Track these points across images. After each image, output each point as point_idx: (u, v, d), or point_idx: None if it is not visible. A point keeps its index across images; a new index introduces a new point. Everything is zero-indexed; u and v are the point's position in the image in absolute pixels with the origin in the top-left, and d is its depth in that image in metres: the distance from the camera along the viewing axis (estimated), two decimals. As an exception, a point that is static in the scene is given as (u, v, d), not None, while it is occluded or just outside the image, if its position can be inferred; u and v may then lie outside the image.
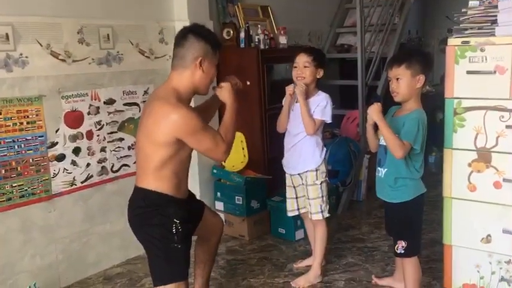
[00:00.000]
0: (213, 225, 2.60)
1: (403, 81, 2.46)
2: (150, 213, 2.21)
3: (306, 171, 2.98)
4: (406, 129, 2.42)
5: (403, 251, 2.59)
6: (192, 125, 2.10)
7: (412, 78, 2.45)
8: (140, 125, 2.26)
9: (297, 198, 3.11)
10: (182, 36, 2.22)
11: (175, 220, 2.19)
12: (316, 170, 2.97)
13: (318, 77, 2.95)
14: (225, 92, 2.36)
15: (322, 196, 2.99)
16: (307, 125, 2.90)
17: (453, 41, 2.47)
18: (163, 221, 2.20)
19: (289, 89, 2.95)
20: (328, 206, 3.04)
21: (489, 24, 2.38)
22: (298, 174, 3.03)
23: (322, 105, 2.92)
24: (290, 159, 3.05)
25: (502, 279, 2.54)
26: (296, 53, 2.98)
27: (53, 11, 2.92)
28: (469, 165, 2.50)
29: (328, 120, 2.96)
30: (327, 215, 3.03)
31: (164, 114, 2.10)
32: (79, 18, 3.04)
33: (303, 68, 2.91)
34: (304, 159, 2.98)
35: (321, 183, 2.99)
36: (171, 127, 2.09)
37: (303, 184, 3.04)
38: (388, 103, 2.70)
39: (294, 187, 3.09)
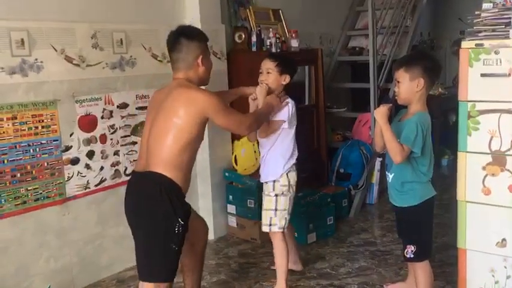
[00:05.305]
0: (198, 229, 2.54)
1: (402, 85, 2.47)
2: (161, 203, 2.17)
3: (266, 182, 2.87)
4: (404, 133, 2.42)
5: (412, 255, 2.56)
6: (217, 103, 2.29)
7: (411, 82, 2.45)
8: (159, 112, 2.27)
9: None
10: (175, 41, 2.36)
11: (179, 220, 2.18)
12: (274, 182, 2.82)
13: (283, 83, 2.82)
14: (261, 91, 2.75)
15: (276, 209, 2.81)
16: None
17: (467, 44, 2.45)
18: (171, 216, 2.17)
19: (251, 96, 2.83)
20: (283, 222, 2.82)
21: (503, 26, 2.36)
22: (265, 182, 2.89)
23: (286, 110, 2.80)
24: (261, 167, 2.94)
25: (517, 283, 2.51)
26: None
27: (67, 16, 2.96)
28: (484, 168, 2.48)
29: (283, 118, 2.77)
30: (276, 229, 2.82)
31: (193, 97, 2.26)
32: (93, 23, 3.08)
33: (266, 74, 2.82)
34: (267, 169, 2.87)
35: (275, 196, 2.82)
36: (201, 106, 2.24)
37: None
38: (400, 106, 2.69)
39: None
